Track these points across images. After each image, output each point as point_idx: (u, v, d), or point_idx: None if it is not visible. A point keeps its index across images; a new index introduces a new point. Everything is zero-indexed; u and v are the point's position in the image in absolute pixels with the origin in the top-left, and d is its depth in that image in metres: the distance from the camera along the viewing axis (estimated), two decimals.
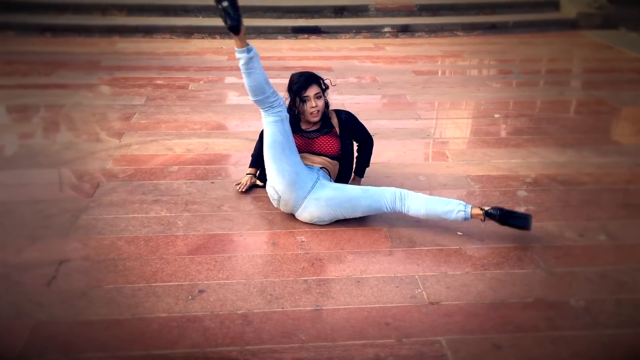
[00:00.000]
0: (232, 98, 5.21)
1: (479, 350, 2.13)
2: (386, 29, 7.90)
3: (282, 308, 2.33)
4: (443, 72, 6.37)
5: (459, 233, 2.91)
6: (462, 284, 2.51)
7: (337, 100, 4.99)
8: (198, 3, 8.22)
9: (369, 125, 3.33)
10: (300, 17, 8.18)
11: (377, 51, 7.06)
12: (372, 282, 2.51)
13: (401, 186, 3.37)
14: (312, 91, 2.98)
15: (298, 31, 7.76)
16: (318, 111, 3.02)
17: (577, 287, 2.51)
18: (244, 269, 2.58)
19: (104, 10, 8.00)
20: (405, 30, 7.94)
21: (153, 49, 6.97)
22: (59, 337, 2.14)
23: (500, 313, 2.33)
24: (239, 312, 2.30)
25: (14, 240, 2.76)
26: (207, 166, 3.62)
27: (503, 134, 4.39)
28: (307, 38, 7.66)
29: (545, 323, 2.27)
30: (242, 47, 2.72)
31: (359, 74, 5.95)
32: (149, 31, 7.65)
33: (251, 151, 3.41)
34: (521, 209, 3.13)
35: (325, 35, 7.76)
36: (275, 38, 7.62)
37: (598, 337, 2.20)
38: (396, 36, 7.83)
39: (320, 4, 8.37)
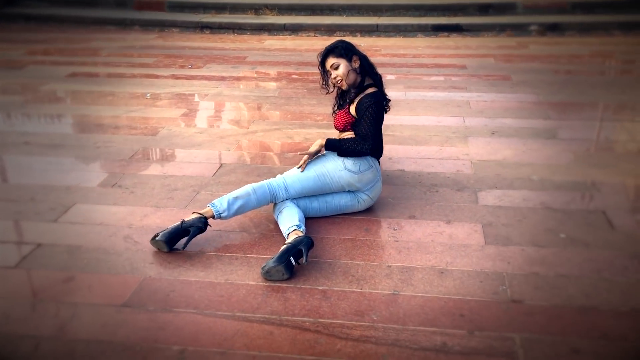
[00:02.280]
0: None
1: (554, 352, 2.04)
2: (533, 27, 7.55)
3: (361, 289, 2.42)
4: (587, 73, 5.93)
5: (561, 235, 2.78)
6: (553, 286, 2.41)
7: (464, 97, 4.91)
8: (343, 2, 8.50)
9: (492, 123, 3.25)
10: (443, 15, 8.10)
11: (518, 49, 6.79)
12: (455, 274, 2.50)
13: (510, 185, 3.30)
14: (327, 64, 3.01)
15: (438, 29, 7.70)
16: (340, 80, 3.00)
17: None
18: (333, 250, 2.71)
19: (257, 9, 8.59)
20: (554, 28, 7.52)
21: (296, 45, 7.34)
22: (160, 291, 2.42)
23: (587, 318, 2.21)
24: (320, 287, 2.43)
25: (142, 208, 3.15)
26: None
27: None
28: (447, 36, 7.57)
29: (638, 334, 2.11)
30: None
31: (493, 71, 5.78)
32: (295, 29, 8.07)
33: None
34: None
35: (466, 33, 7.61)
36: (415, 36, 7.63)
37: None
38: (543, 35, 7.45)
39: (465, 2, 8.21)
